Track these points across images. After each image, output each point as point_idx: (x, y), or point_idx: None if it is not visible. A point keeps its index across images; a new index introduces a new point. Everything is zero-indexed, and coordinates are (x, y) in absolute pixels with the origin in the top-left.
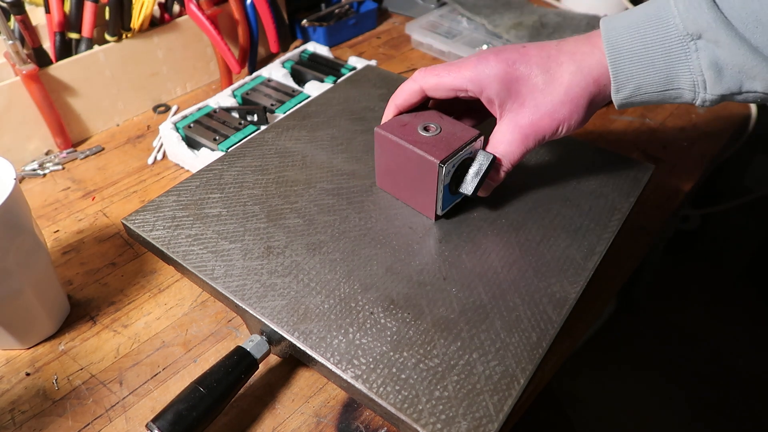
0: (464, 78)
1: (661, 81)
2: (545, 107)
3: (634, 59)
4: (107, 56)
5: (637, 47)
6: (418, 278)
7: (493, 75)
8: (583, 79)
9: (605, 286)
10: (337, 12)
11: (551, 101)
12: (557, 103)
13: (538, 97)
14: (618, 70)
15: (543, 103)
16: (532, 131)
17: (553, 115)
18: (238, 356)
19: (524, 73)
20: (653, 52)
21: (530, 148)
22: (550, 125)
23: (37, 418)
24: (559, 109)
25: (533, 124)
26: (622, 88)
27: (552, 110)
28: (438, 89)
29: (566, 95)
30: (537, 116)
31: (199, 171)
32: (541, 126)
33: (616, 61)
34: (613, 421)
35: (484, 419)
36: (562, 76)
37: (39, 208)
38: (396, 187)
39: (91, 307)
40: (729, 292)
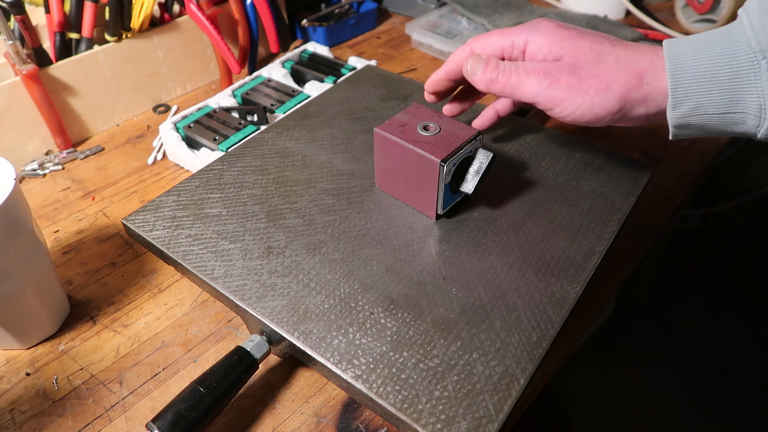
0: (512, 32)
1: (724, 101)
2: (578, 70)
3: (697, 74)
4: (107, 56)
5: (701, 62)
6: (418, 278)
7: (542, 29)
8: (626, 66)
9: (605, 286)
10: (337, 12)
11: (585, 70)
12: (590, 73)
13: (578, 58)
14: (677, 84)
15: (578, 65)
16: (554, 76)
17: (580, 81)
18: (238, 356)
19: (574, 34)
20: (719, 69)
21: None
22: (570, 87)
23: (37, 418)
24: (588, 81)
25: (557, 71)
26: (679, 105)
27: (581, 76)
28: (486, 47)
29: (603, 71)
30: (565, 71)
31: (199, 171)
32: (562, 82)
33: (676, 72)
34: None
35: (484, 419)
36: (609, 54)
37: (39, 208)
38: (396, 187)
39: (91, 307)
40: (729, 292)
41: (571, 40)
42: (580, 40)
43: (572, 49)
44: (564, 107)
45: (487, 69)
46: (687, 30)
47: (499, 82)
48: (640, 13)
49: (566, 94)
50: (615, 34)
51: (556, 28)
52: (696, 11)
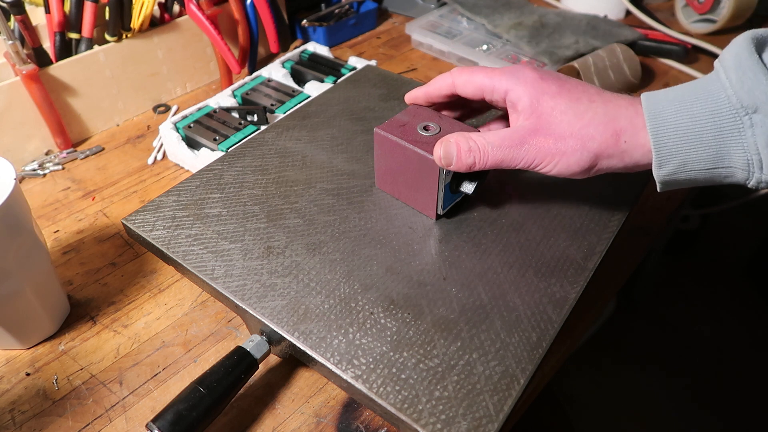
0: (496, 76)
1: (710, 158)
2: (554, 130)
3: (680, 132)
4: (107, 56)
5: (683, 120)
6: (418, 278)
7: (524, 79)
8: (605, 125)
9: (605, 286)
10: (337, 12)
11: (562, 128)
12: (566, 133)
13: (555, 117)
14: (661, 144)
15: (554, 125)
16: (528, 142)
17: (556, 142)
18: (238, 356)
19: (554, 90)
20: (701, 126)
21: (515, 158)
22: (546, 150)
23: (37, 418)
24: (564, 141)
25: (532, 136)
26: (665, 164)
27: (557, 136)
28: (468, 84)
29: (579, 131)
30: (541, 133)
31: (199, 171)
32: (539, 145)
33: (658, 133)
34: (613, 421)
35: (484, 419)
36: (586, 111)
37: (39, 208)
38: (396, 187)
39: (91, 307)
40: (729, 292)
41: (550, 97)
42: (558, 98)
43: (549, 108)
44: (543, 166)
45: (461, 156)
46: (687, 30)
47: (478, 164)
48: (640, 13)
49: (544, 156)
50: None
51: (538, 81)
52: (696, 11)
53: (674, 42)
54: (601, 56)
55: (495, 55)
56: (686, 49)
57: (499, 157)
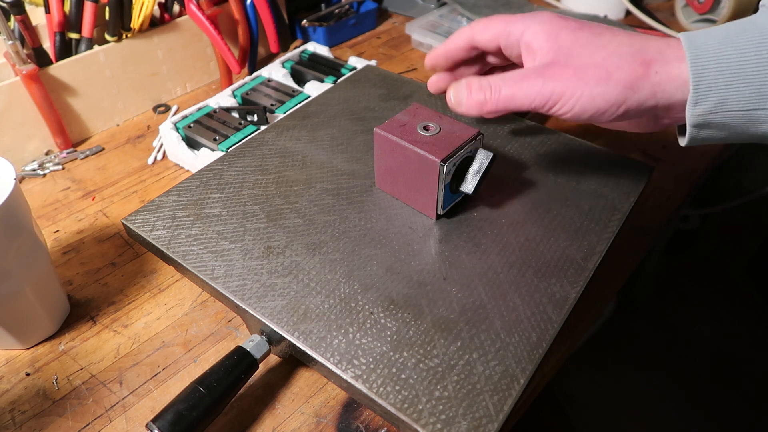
0: (512, 20)
1: (752, 96)
2: (574, 60)
3: (722, 65)
4: (107, 56)
5: (726, 52)
6: (418, 278)
7: (541, 18)
8: (632, 55)
9: (605, 286)
10: (337, 12)
11: (583, 59)
12: (588, 63)
13: (575, 49)
14: (700, 76)
15: (574, 56)
16: (544, 74)
17: (577, 72)
18: (238, 356)
19: (573, 25)
20: (746, 60)
21: (529, 93)
22: (566, 82)
23: (37, 418)
24: (586, 71)
25: (550, 67)
26: (702, 100)
27: (578, 66)
28: (485, 30)
29: (603, 60)
30: (560, 64)
31: (199, 171)
32: (557, 76)
33: (698, 63)
34: (613, 421)
35: (484, 419)
36: (610, 42)
37: (39, 208)
38: (396, 187)
39: (91, 307)
40: (729, 292)
41: (570, 31)
42: (579, 31)
43: (569, 41)
44: (563, 102)
45: (471, 93)
46: (687, 30)
47: (489, 101)
48: (640, 13)
49: (563, 88)
50: None
51: (556, 18)
52: (696, 11)
53: None
54: None
55: None
56: None
57: (512, 91)
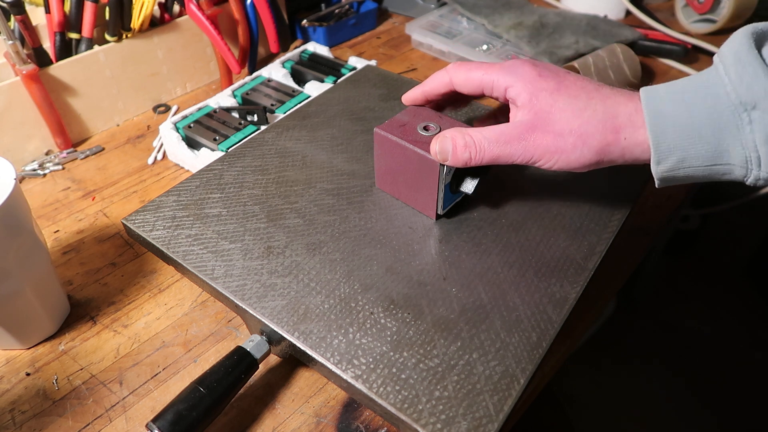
0: (494, 73)
1: (709, 155)
2: (552, 126)
3: (678, 129)
4: (107, 56)
5: (681, 116)
6: (418, 278)
7: (522, 76)
8: (603, 123)
9: (605, 286)
10: (337, 12)
11: (561, 125)
12: (565, 130)
13: (554, 114)
14: (659, 140)
15: (553, 122)
16: (526, 138)
17: (555, 139)
18: (238, 356)
19: (552, 87)
20: (700, 122)
21: (512, 154)
22: (545, 147)
23: (37, 418)
24: (563, 138)
25: (530, 132)
26: (663, 160)
27: (557, 133)
28: (466, 83)
29: (579, 128)
30: (539, 129)
31: (199, 171)
32: (537, 141)
33: (657, 129)
34: (613, 421)
35: (484, 419)
36: (585, 109)
37: (39, 208)
38: (396, 187)
39: (91, 307)
40: (729, 292)
41: (548, 94)
42: (556, 94)
43: (548, 105)
44: (542, 162)
45: (457, 152)
46: (687, 30)
47: (474, 159)
48: (640, 13)
49: (543, 153)
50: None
51: (536, 78)
52: (696, 11)
53: (674, 42)
54: (601, 56)
55: (495, 55)
56: (686, 49)
57: (495, 153)
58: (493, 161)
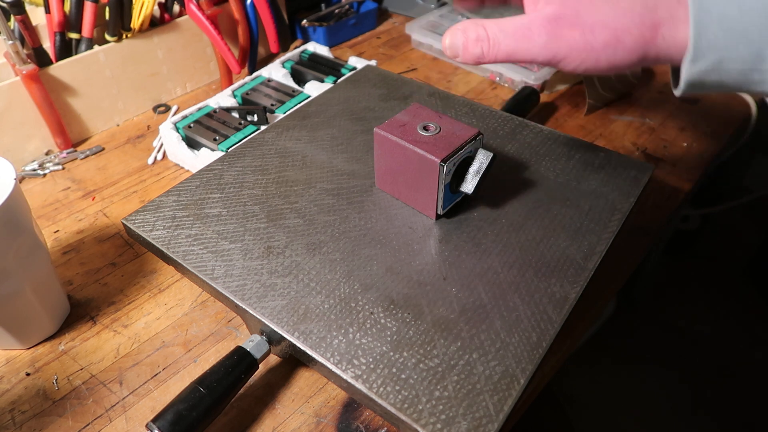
0: None
1: (751, 57)
2: (582, 18)
3: (724, 24)
4: (107, 56)
5: (730, 11)
6: (418, 278)
7: None
8: (641, 16)
9: (605, 286)
10: (337, 12)
11: (592, 17)
12: (597, 23)
13: (583, 3)
14: (701, 34)
15: (582, 12)
16: (550, 32)
17: (584, 34)
18: (238, 356)
19: None
20: (749, 19)
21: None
22: (572, 43)
23: (37, 418)
24: (594, 33)
25: (555, 24)
26: (700, 57)
27: (586, 26)
28: None
29: (613, 21)
30: (566, 21)
31: (199, 171)
32: (563, 36)
33: (701, 24)
34: (613, 421)
35: (484, 419)
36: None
37: (39, 208)
38: (396, 187)
39: (91, 307)
40: (729, 292)
41: None
42: None
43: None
44: (566, 62)
45: (468, 45)
46: None
47: (487, 56)
48: None
49: (568, 50)
50: None
51: None
52: None
53: None
54: None
55: None
56: None
57: (512, 47)
58: (509, 58)
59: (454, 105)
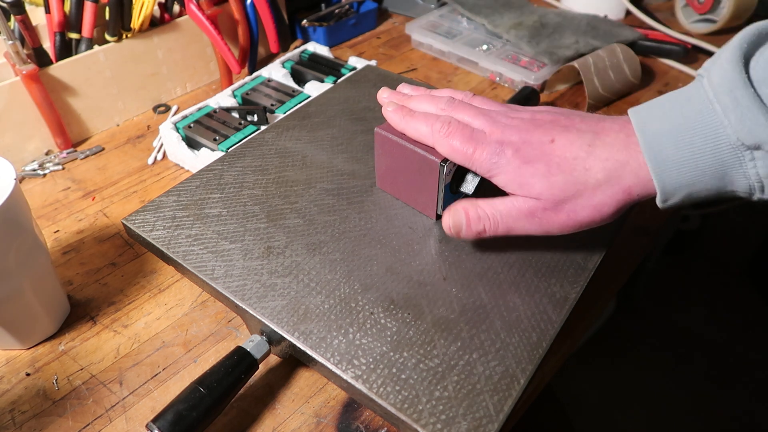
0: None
1: (714, 188)
2: (561, 206)
3: (683, 170)
4: (107, 56)
5: (684, 157)
6: (418, 278)
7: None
8: (613, 190)
9: (605, 286)
10: (337, 12)
11: (569, 204)
12: (576, 206)
13: (557, 195)
14: (665, 183)
15: (559, 201)
16: (539, 216)
17: (569, 215)
18: (238, 356)
19: (540, 170)
20: (704, 162)
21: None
22: (562, 223)
23: (37, 418)
24: (577, 212)
25: (540, 212)
26: (670, 198)
27: (568, 210)
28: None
29: (589, 200)
30: (549, 210)
31: (199, 171)
32: (550, 219)
33: (662, 173)
34: (613, 421)
35: (484, 419)
36: (587, 181)
37: (39, 208)
38: (396, 187)
39: (91, 307)
40: (729, 292)
41: (541, 178)
42: (550, 177)
43: (547, 189)
44: (561, 234)
45: (470, 225)
46: (687, 30)
47: (488, 232)
48: (640, 13)
49: (561, 229)
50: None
51: (521, 166)
52: (696, 11)
53: (674, 42)
54: (601, 56)
55: (495, 55)
56: (686, 49)
57: (509, 226)
58: (507, 233)
59: None
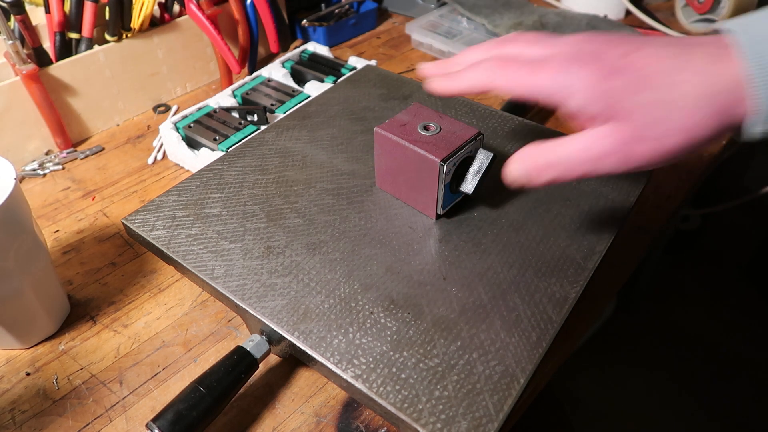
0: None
1: None
2: (648, 131)
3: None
4: (107, 56)
5: None
6: (418, 278)
7: (578, 85)
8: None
9: (605, 286)
10: (337, 12)
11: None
12: (667, 131)
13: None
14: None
15: (645, 125)
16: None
17: (657, 144)
18: (238, 356)
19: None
20: None
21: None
22: (648, 156)
23: (37, 418)
24: (666, 139)
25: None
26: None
27: (655, 137)
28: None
29: (680, 121)
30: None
31: (199, 171)
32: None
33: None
34: (613, 421)
35: (484, 419)
36: (676, 100)
37: (39, 208)
38: (396, 186)
39: (91, 306)
40: (729, 292)
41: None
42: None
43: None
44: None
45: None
46: (687, 30)
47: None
48: (640, 13)
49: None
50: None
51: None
52: (696, 11)
53: None
54: None
55: None
56: None
57: (585, 169)
58: (584, 176)
59: (454, 105)
